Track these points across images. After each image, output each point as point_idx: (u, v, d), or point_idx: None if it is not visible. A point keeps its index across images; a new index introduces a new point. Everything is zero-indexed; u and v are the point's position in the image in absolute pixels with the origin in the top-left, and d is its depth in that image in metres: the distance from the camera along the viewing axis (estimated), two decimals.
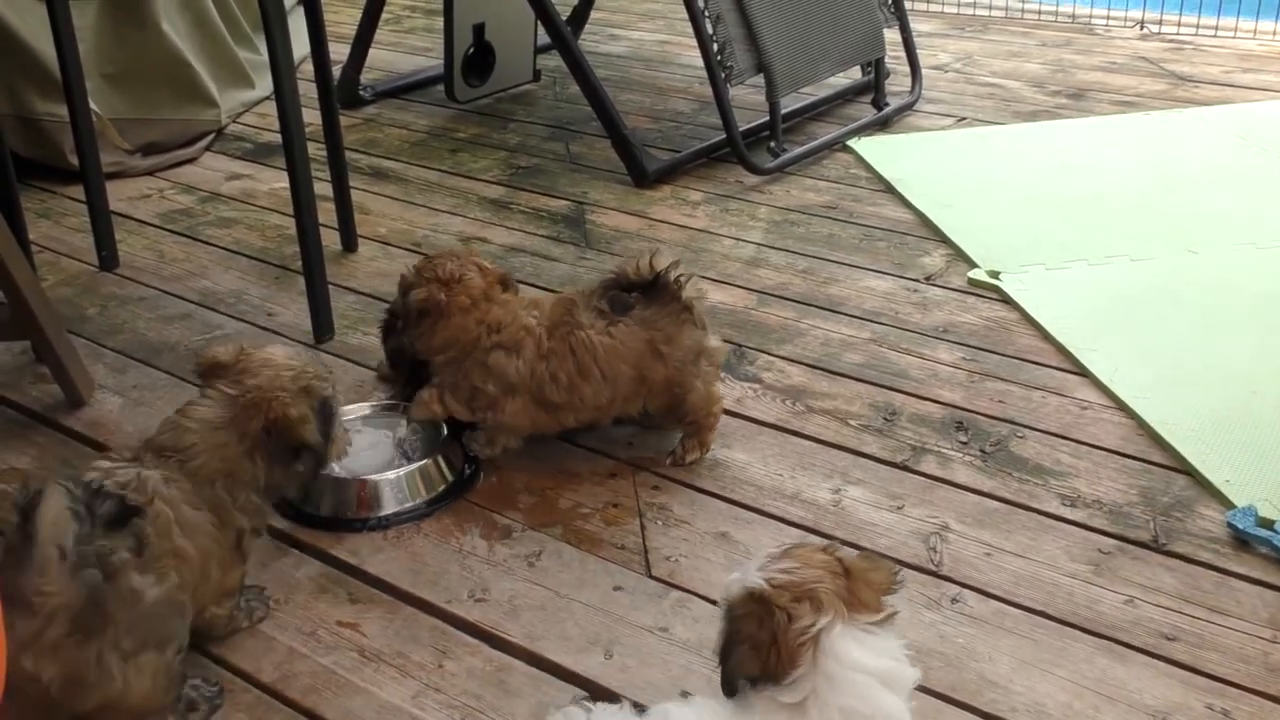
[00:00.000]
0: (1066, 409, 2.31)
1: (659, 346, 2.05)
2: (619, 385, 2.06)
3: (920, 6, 5.44)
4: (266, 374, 1.68)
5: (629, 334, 2.05)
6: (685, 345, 2.07)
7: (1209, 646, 1.72)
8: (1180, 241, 2.99)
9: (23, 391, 2.43)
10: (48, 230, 3.21)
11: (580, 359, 2.03)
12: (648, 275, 2.06)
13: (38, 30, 3.26)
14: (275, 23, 2.43)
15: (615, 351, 2.03)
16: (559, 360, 2.04)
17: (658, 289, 2.06)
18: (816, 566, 1.32)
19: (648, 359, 2.05)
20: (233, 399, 1.66)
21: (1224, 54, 4.75)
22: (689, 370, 2.09)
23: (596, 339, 2.03)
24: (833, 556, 1.35)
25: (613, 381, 2.05)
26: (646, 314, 2.06)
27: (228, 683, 1.69)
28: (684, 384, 2.09)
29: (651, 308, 2.06)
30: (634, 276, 2.07)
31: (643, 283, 2.07)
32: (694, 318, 2.09)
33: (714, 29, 3.45)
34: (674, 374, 2.07)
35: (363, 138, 3.93)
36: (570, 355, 2.03)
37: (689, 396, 2.10)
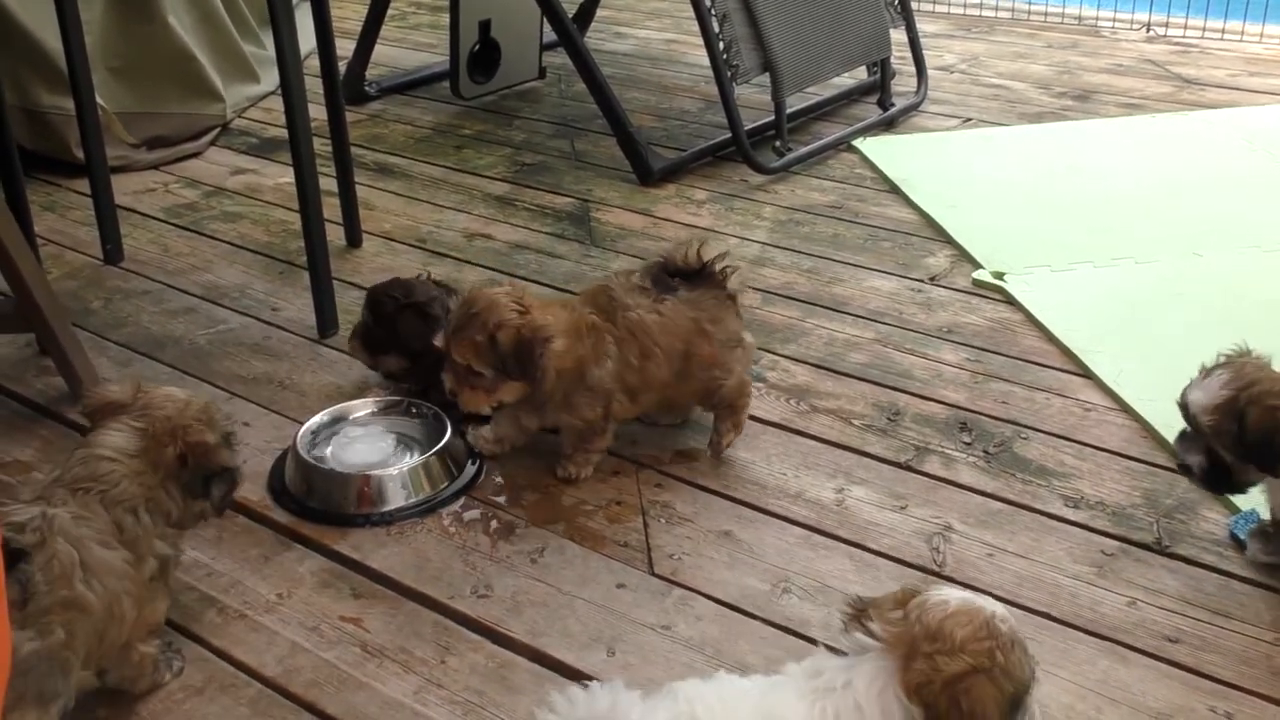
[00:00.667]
0: (1070, 410, 2.31)
1: (704, 325, 2.07)
2: (672, 361, 2.06)
3: (926, 7, 5.44)
4: (173, 406, 1.65)
5: (676, 311, 2.06)
6: (729, 328, 2.11)
7: (1212, 649, 1.72)
8: (1185, 244, 2.99)
9: (27, 384, 2.44)
10: (53, 223, 3.21)
11: (640, 338, 2.03)
12: (695, 264, 2.08)
13: (44, 23, 3.25)
14: (282, 17, 2.43)
15: (666, 327, 2.05)
16: (626, 345, 2.03)
17: (703, 277, 2.09)
18: None
19: (695, 336, 2.07)
20: (142, 430, 1.61)
21: (1230, 57, 4.74)
22: (732, 354, 2.10)
23: (647, 316, 2.04)
24: None
25: (668, 356, 2.05)
26: (691, 295, 2.08)
27: (230, 676, 1.69)
28: (726, 366, 2.10)
29: (696, 291, 2.08)
30: (681, 263, 2.09)
31: (689, 270, 2.08)
32: (736, 307, 2.12)
33: (720, 28, 3.45)
34: (718, 354, 2.09)
35: (368, 133, 3.93)
36: (633, 337, 2.04)
37: (728, 381, 2.11)
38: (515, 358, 1.94)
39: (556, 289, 2.82)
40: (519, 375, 1.97)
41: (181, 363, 2.51)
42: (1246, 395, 1.72)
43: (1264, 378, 1.74)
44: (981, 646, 1.24)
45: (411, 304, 2.27)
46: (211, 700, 1.65)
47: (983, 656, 1.24)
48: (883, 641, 1.28)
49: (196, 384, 2.43)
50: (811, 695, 1.30)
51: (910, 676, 1.24)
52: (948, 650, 1.24)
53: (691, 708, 1.29)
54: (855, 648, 1.31)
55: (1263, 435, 1.70)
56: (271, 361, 2.53)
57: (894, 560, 1.91)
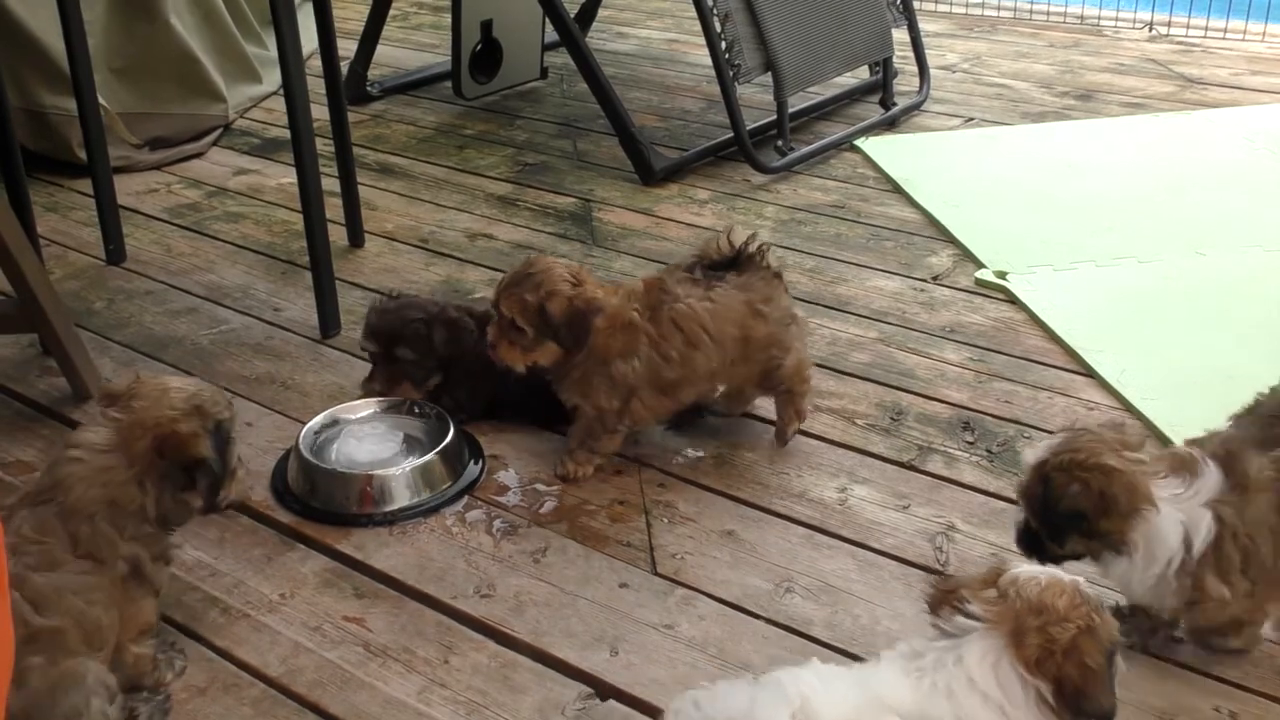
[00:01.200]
0: (1073, 410, 2.30)
1: (758, 306, 2.10)
2: (726, 347, 2.08)
3: (928, 6, 5.43)
4: (155, 396, 1.61)
5: (728, 296, 2.08)
6: (782, 306, 2.14)
7: None
8: (1188, 243, 2.99)
9: (30, 384, 2.44)
10: (55, 224, 3.21)
11: (687, 330, 2.05)
12: (729, 252, 2.11)
13: (47, 24, 3.26)
14: (284, 18, 2.43)
15: (718, 314, 2.06)
16: (667, 341, 2.05)
17: (742, 262, 2.11)
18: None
19: (749, 318, 2.09)
20: (117, 422, 1.58)
21: (1232, 56, 4.74)
22: (787, 331, 2.13)
23: (698, 305, 2.06)
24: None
25: (720, 343, 2.07)
26: (740, 279, 2.10)
27: (233, 676, 1.69)
28: (784, 344, 2.12)
29: (743, 275, 2.11)
30: (716, 255, 2.12)
31: (726, 260, 2.11)
32: (784, 283, 2.15)
33: (722, 27, 3.45)
34: (775, 332, 2.11)
35: (370, 134, 3.93)
36: (676, 330, 2.04)
37: (786, 359, 2.13)
38: (567, 325, 2.00)
39: None
40: (568, 343, 2.01)
41: (184, 363, 2.51)
42: (1055, 461, 1.57)
43: (1092, 448, 1.57)
44: (1081, 612, 1.31)
45: (437, 317, 2.27)
46: (214, 700, 1.65)
47: (1084, 620, 1.30)
48: (986, 620, 1.31)
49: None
50: (917, 674, 1.31)
51: (1027, 652, 1.28)
52: (1056, 620, 1.29)
53: (802, 695, 1.29)
54: (954, 629, 1.34)
55: (1058, 505, 1.56)
56: (274, 361, 2.53)
57: (897, 560, 1.90)
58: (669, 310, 2.05)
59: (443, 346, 2.25)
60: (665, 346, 2.05)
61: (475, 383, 2.27)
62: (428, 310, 2.28)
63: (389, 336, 2.27)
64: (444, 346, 2.25)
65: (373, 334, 2.28)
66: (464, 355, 2.25)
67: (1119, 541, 1.56)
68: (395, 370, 2.28)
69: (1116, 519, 1.55)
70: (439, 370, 2.28)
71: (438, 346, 2.25)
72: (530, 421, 2.29)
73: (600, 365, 2.04)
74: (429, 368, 2.27)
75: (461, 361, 2.26)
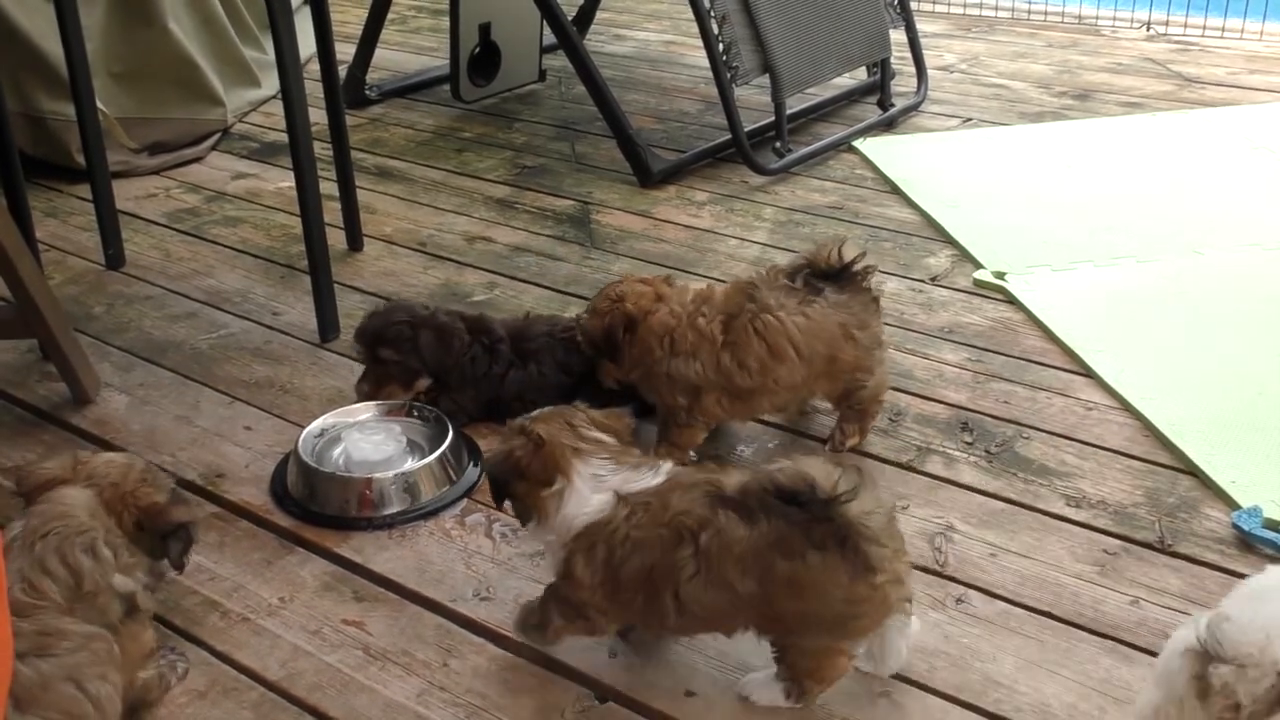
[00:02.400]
0: (1072, 410, 2.31)
1: (852, 330, 2.09)
2: (814, 364, 2.08)
3: (926, 7, 5.44)
4: (116, 472, 1.63)
5: (823, 314, 2.07)
6: (874, 332, 2.14)
7: None
8: (1186, 243, 2.99)
9: (29, 389, 2.44)
10: (54, 229, 3.22)
11: (772, 341, 2.04)
12: (837, 264, 2.10)
13: (45, 29, 3.26)
14: (282, 22, 2.43)
15: (811, 331, 2.06)
16: (745, 348, 2.05)
17: (845, 278, 2.10)
18: None
19: (841, 340, 2.09)
20: (99, 488, 1.60)
21: (1230, 55, 4.74)
22: (874, 356, 2.13)
23: (789, 319, 2.05)
24: None
25: (809, 360, 2.06)
26: (839, 299, 2.09)
27: (233, 680, 1.69)
28: (869, 368, 2.13)
29: (844, 294, 2.10)
30: (825, 265, 2.10)
31: (832, 271, 2.10)
32: (879, 308, 2.17)
33: (719, 29, 3.45)
34: (863, 356, 2.11)
35: (368, 137, 3.93)
36: (758, 339, 2.04)
37: (869, 382, 2.15)
38: (603, 340, 2.10)
39: (557, 291, 2.82)
40: (608, 355, 2.11)
41: (183, 367, 2.52)
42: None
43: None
44: None
45: (425, 321, 2.30)
46: (214, 704, 1.66)
47: None
48: None
49: (199, 388, 2.44)
50: None
51: None
52: None
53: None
54: None
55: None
56: (273, 366, 2.53)
57: None
58: (753, 319, 2.05)
59: (429, 350, 2.27)
60: (741, 353, 2.04)
61: (474, 385, 2.28)
62: (415, 314, 2.30)
63: (373, 338, 2.30)
64: (430, 351, 2.27)
65: (358, 335, 2.33)
66: (455, 359, 2.27)
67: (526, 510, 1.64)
68: (381, 372, 2.31)
69: (533, 488, 1.60)
70: (427, 373, 2.29)
71: (423, 350, 2.27)
72: None
73: (654, 365, 2.08)
74: (414, 370, 2.29)
75: (458, 365, 2.27)
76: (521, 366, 2.29)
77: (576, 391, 2.12)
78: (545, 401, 2.16)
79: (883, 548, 1.48)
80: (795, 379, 2.08)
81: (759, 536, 1.48)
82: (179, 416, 2.34)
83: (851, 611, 1.51)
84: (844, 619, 1.52)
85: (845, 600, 1.49)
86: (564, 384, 2.25)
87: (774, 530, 1.48)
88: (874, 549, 1.47)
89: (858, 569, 1.47)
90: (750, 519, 1.49)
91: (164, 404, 2.39)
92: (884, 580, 1.49)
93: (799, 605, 1.50)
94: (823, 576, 1.47)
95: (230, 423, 2.32)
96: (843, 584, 1.47)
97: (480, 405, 2.30)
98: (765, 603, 1.51)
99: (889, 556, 1.49)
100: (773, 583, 1.49)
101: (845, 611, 1.51)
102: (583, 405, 1.70)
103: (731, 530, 1.50)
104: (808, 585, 1.48)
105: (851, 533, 1.46)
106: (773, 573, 1.48)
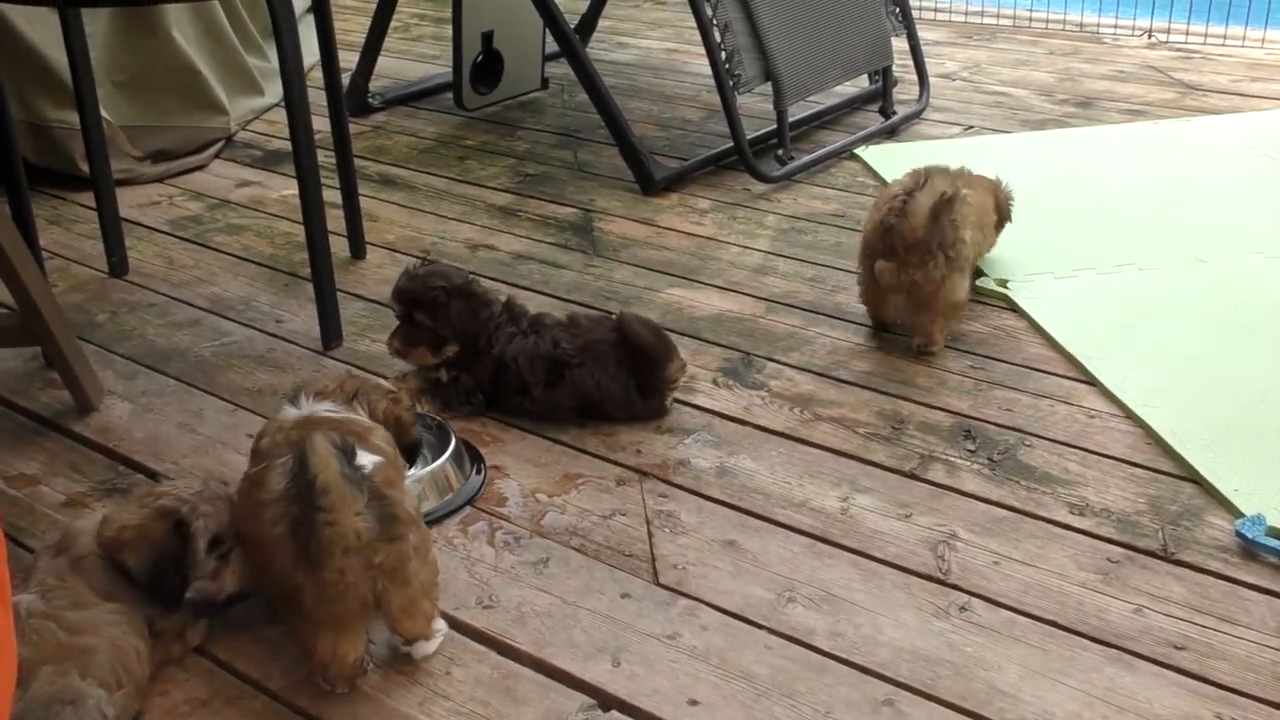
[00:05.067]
0: (1074, 417, 2.31)
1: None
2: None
3: (928, 15, 5.45)
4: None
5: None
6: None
7: (1218, 656, 1.72)
8: (1188, 250, 2.99)
9: (32, 397, 2.44)
10: (58, 236, 3.22)
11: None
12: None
13: (49, 38, 3.28)
14: (286, 30, 2.44)
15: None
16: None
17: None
18: None
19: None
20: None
21: (1232, 63, 4.75)
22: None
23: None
24: None
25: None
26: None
27: (235, 689, 1.69)
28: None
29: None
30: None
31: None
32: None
33: (722, 37, 3.46)
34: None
35: (371, 145, 3.94)
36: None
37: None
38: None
39: (559, 299, 2.82)
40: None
41: (186, 375, 2.52)
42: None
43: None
44: None
45: (460, 289, 2.35)
46: (217, 713, 1.65)
47: None
48: None
49: (202, 396, 2.44)
50: None
51: None
52: None
53: None
54: None
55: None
56: (276, 373, 2.54)
57: (899, 569, 1.91)
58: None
59: (458, 319, 2.30)
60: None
61: (489, 363, 2.33)
62: (451, 281, 2.35)
63: (411, 300, 2.33)
64: (459, 318, 2.31)
65: (397, 296, 2.36)
66: (480, 330, 2.31)
67: None
68: (413, 334, 2.35)
69: None
70: (455, 340, 2.33)
71: (453, 318, 2.30)
72: (538, 413, 2.31)
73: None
74: (444, 336, 2.33)
75: (484, 334, 2.32)
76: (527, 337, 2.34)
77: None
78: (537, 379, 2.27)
79: (340, 555, 1.51)
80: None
81: (280, 490, 1.55)
82: (182, 424, 2.35)
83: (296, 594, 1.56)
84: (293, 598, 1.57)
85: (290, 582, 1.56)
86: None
87: (293, 486, 1.54)
88: (326, 549, 1.51)
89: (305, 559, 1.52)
90: (300, 472, 1.53)
91: (167, 412, 2.39)
92: (332, 579, 1.53)
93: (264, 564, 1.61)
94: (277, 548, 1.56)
95: (233, 430, 2.32)
96: (287, 565, 1.55)
97: (490, 384, 2.34)
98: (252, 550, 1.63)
99: (343, 560, 1.52)
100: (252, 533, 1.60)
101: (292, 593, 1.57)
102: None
103: (271, 475, 1.57)
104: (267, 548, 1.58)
105: (310, 526, 1.51)
106: (257, 524, 1.58)
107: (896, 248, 2.44)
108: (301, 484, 1.50)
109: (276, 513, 1.55)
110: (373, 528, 1.53)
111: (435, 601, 1.69)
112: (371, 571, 1.54)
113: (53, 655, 1.49)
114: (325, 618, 1.58)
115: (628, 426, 2.29)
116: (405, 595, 1.60)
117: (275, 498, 1.55)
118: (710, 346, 2.60)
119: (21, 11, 3.33)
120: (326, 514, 1.49)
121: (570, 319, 2.38)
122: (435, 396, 2.36)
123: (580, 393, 2.27)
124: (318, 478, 1.49)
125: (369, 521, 1.52)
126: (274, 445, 1.66)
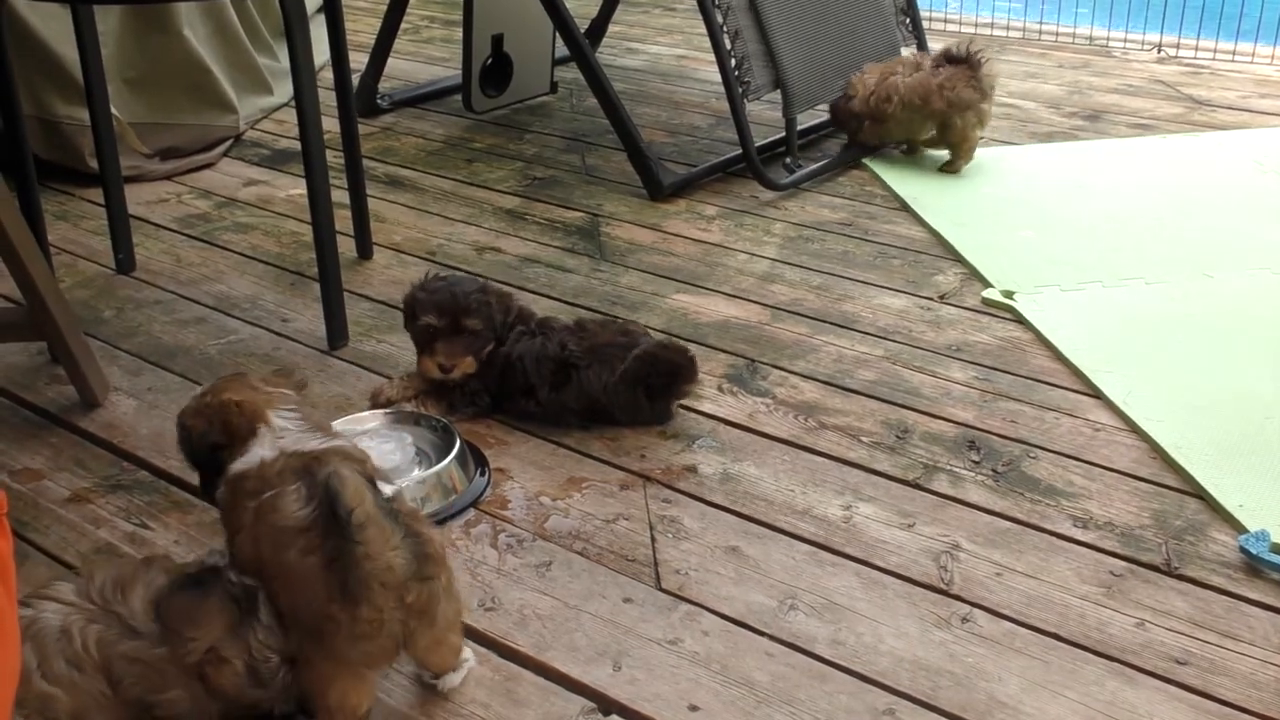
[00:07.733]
0: (1079, 430, 2.31)
1: (944, 90, 3.52)
2: (913, 106, 3.59)
3: (938, 25, 5.45)
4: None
5: (924, 78, 3.57)
6: (959, 93, 3.51)
7: (1220, 671, 1.71)
8: (1196, 265, 2.99)
9: (38, 392, 2.45)
10: (66, 232, 3.23)
11: (888, 90, 3.61)
12: (961, 55, 3.53)
13: (61, 35, 3.28)
14: (297, 30, 2.44)
15: (911, 85, 3.60)
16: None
17: (961, 62, 3.54)
18: None
19: (932, 93, 3.53)
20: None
21: (1241, 79, 4.75)
22: (955, 109, 3.54)
23: (901, 80, 3.60)
24: None
25: (908, 103, 3.59)
26: (947, 70, 3.55)
27: None
28: (955, 113, 3.55)
29: (953, 68, 3.55)
30: (953, 53, 3.56)
31: (957, 58, 3.57)
32: (978, 82, 3.52)
33: (732, 45, 3.46)
34: (945, 108, 3.54)
35: (380, 146, 3.95)
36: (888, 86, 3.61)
37: (956, 123, 3.56)
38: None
39: (566, 303, 2.82)
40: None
41: (192, 373, 2.52)
42: (187, 407, 1.77)
43: (221, 386, 1.74)
44: None
45: (487, 288, 2.38)
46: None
47: None
48: None
49: None
50: None
51: None
52: None
53: None
54: None
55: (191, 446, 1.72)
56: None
57: (901, 578, 1.90)
58: (886, 79, 3.68)
59: (499, 314, 2.34)
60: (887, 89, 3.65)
61: (498, 363, 2.35)
62: (478, 283, 2.40)
63: (458, 309, 2.32)
64: (499, 314, 2.35)
65: (438, 308, 2.33)
66: (509, 321, 2.36)
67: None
68: (458, 344, 2.33)
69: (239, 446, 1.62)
70: (493, 339, 2.35)
71: (494, 313, 2.34)
72: (543, 415, 2.31)
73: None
74: (487, 338, 2.34)
75: (508, 329, 2.35)
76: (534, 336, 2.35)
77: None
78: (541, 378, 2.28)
79: (379, 590, 1.45)
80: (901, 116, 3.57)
81: (304, 518, 1.48)
82: None
83: (329, 628, 1.48)
84: (322, 634, 1.49)
85: (323, 616, 1.47)
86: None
87: (314, 518, 1.47)
88: (366, 584, 1.44)
89: (342, 594, 1.45)
90: (310, 498, 1.48)
91: (172, 409, 2.36)
92: (370, 616, 1.45)
93: (288, 598, 1.52)
94: (308, 581, 1.47)
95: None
96: (320, 599, 1.46)
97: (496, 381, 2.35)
98: (274, 582, 1.53)
99: (381, 597, 1.45)
100: (277, 564, 1.51)
101: (323, 627, 1.48)
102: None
103: (285, 502, 1.51)
104: (296, 580, 1.49)
105: (348, 561, 1.43)
106: (282, 554, 1.50)
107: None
108: (339, 517, 1.42)
109: (308, 544, 1.47)
110: (409, 564, 1.47)
111: (461, 634, 1.65)
112: (401, 611, 1.48)
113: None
114: (357, 657, 1.51)
115: (632, 431, 2.30)
116: (432, 635, 1.55)
117: (303, 526, 1.48)
118: (716, 353, 2.60)
119: (34, 7, 3.34)
120: (364, 546, 1.42)
121: (578, 323, 2.38)
122: (440, 398, 2.36)
123: (586, 396, 2.27)
124: (354, 511, 1.41)
125: (405, 557, 1.47)
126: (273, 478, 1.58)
